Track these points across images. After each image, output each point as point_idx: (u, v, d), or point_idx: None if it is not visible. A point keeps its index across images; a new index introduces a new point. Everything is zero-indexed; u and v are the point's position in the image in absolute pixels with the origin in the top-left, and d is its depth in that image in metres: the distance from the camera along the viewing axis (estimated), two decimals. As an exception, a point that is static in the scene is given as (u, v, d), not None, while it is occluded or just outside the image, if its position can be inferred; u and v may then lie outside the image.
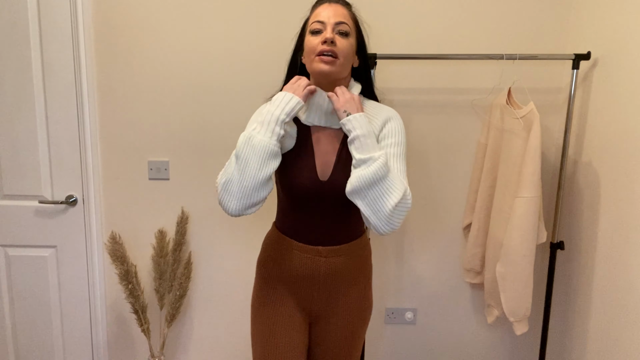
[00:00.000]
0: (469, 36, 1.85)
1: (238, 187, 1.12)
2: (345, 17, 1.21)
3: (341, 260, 1.30)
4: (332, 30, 1.17)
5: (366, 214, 1.12)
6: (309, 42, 1.20)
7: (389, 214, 1.11)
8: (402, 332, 2.09)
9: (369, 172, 1.10)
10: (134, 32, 1.85)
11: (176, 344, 2.08)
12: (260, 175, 1.12)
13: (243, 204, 1.13)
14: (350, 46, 1.20)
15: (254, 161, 1.12)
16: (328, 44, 1.15)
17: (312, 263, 1.28)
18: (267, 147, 1.12)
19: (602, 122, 1.63)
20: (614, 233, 1.55)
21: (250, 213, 1.16)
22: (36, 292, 1.99)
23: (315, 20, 1.19)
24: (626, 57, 1.52)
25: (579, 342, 1.75)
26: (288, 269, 1.30)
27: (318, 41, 1.17)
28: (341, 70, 1.20)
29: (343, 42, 1.18)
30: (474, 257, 1.88)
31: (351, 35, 1.21)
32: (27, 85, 1.84)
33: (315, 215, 1.26)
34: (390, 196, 1.11)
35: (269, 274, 1.33)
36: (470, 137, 1.92)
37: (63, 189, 1.93)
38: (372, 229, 1.15)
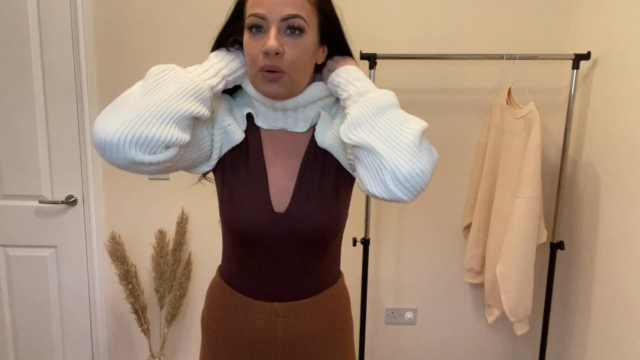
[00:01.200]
0: (469, 36, 1.85)
1: (134, 105, 0.73)
2: (296, 3, 0.81)
3: (307, 319, 0.96)
4: (278, 30, 0.80)
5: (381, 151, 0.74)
6: (247, 47, 0.83)
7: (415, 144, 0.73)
8: (402, 332, 2.09)
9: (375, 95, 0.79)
10: (134, 32, 1.85)
11: (176, 344, 2.08)
12: (174, 106, 0.74)
13: (130, 128, 0.70)
14: (306, 48, 0.83)
15: (171, 86, 0.75)
16: (271, 58, 0.80)
17: (266, 326, 0.95)
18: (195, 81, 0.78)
19: (602, 122, 1.63)
20: (614, 233, 1.55)
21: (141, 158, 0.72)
22: (36, 292, 1.99)
23: (253, 13, 0.81)
24: (626, 57, 1.52)
25: (579, 342, 1.75)
26: (235, 334, 0.96)
27: (258, 50, 0.81)
28: (293, 87, 0.85)
29: (292, 48, 0.81)
30: (474, 257, 1.88)
31: (309, 28, 0.82)
32: (27, 85, 1.84)
33: (270, 260, 0.91)
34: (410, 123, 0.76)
35: (212, 337, 1.00)
36: (470, 137, 1.92)
37: (63, 189, 1.92)
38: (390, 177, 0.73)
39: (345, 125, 0.78)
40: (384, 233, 2.00)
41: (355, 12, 1.84)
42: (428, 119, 1.91)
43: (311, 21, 0.83)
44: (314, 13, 0.84)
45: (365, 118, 0.76)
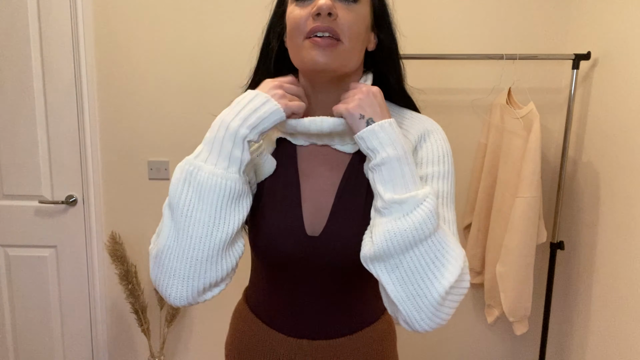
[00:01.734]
0: (469, 36, 1.85)
1: (179, 262, 0.65)
2: None
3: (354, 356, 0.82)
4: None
5: (396, 300, 0.63)
6: (292, 15, 0.71)
7: (438, 302, 0.62)
8: (403, 332, 2.08)
9: (409, 223, 0.62)
10: (134, 32, 1.85)
11: (176, 344, 2.08)
12: (217, 236, 0.65)
13: (193, 287, 0.65)
14: (362, 19, 0.71)
15: (202, 213, 0.65)
16: (323, 19, 0.67)
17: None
18: (222, 185, 0.65)
19: (602, 122, 1.63)
20: (614, 233, 1.55)
21: (209, 298, 0.68)
22: (36, 292, 1.99)
23: None
24: (626, 57, 1.52)
25: (579, 342, 1.75)
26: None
27: (307, 13, 0.69)
28: (346, 60, 0.71)
29: (348, 13, 0.69)
30: (474, 257, 1.88)
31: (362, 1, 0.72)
32: (27, 85, 1.84)
33: (300, 290, 0.79)
34: (443, 271, 0.62)
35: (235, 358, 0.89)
36: (470, 137, 1.92)
37: (63, 189, 1.92)
38: (402, 323, 0.66)
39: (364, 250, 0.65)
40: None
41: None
42: (428, 119, 1.91)
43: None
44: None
45: (393, 251, 0.62)
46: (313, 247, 0.74)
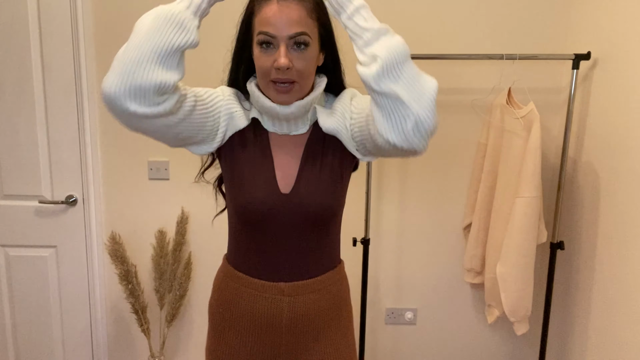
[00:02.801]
0: (469, 36, 1.85)
1: (118, 62, 0.82)
2: (302, 20, 0.89)
3: (311, 299, 1.02)
4: (287, 47, 0.89)
5: (408, 102, 0.77)
6: (258, 60, 0.92)
7: (434, 97, 0.79)
8: (402, 332, 2.08)
9: (399, 40, 0.84)
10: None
11: (176, 344, 2.08)
12: (149, 44, 0.81)
13: (122, 81, 0.80)
14: (311, 58, 0.93)
15: (148, 26, 0.83)
16: (282, 72, 0.89)
17: (272, 305, 1.01)
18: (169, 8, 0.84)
19: (602, 122, 1.63)
20: (614, 233, 1.55)
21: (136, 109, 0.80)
22: (36, 292, 1.99)
23: (263, 31, 0.90)
24: (626, 57, 1.52)
25: (579, 342, 1.75)
26: (243, 314, 1.03)
27: (270, 64, 0.90)
28: (301, 92, 0.95)
29: (301, 60, 0.91)
30: (474, 257, 1.88)
31: (312, 41, 0.92)
32: (27, 85, 1.84)
33: (276, 241, 0.99)
34: (427, 77, 0.82)
35: (221, 321, 1.06)
36: (470, 137, 1.92)
37: (63, 189, 1.92)
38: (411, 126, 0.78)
39: (371, 70, 0.80)
40: (384, 233, 2.00)
41: None
42: (428, 119, 1.91)
43: (313, 34, 0.93)
44: (315, 26, 0.93)
45: (392, 66, 0.79)
46: (285, 201, 0.97)
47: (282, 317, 1.01)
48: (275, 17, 0.89)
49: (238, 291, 1.03)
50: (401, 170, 1.95)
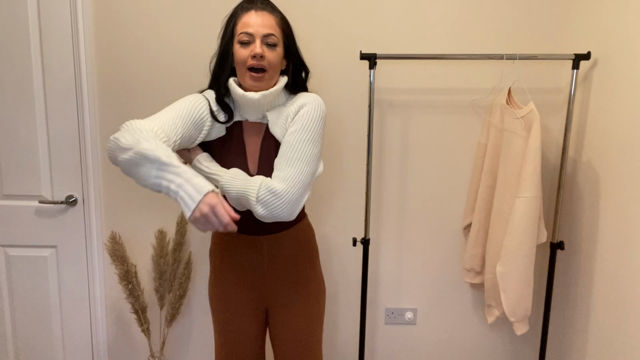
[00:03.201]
0: (469, 36, 1.85)
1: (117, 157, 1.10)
2: (273, 26, 1.24)
3: (283, 246, 1.37)
4: (261, 42, 1.22)
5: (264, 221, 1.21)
6: (238, 53, 1.24)
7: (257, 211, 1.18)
8: (402, 332, 2.09)
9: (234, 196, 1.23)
10: (134, 31, 1.85)
11: (176, 344, 2.08)
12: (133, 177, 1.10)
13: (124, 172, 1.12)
14: (278, 56, 1.26)
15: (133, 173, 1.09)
16: (257, 59, 1.21)
17: (254, 252, 1.36)
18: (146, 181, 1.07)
19: (602, 122, 1.63)
20: (614, 233, 1.55)
21: None
22: (36, 292, 1.99)
23: (244, 32, 1.22)
24: (626, 57, 1.52)
25: (579, 342, 1.76)
26: (234, 259, 1.38)
27: (247, 54, 1.22)
28: (269, 81, 1.26)
29: (271, 54, 1.23)
30: (474, 257, 1.88)
31: (279, 44, 1.26)
32: (27, 85, 1.84)
33: None
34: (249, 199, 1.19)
35: (218, 264, 1.42)
36: (470, 137, 1.92)
37: (63, 189, 1.92)
38: None
39: None
40: (384, 233, 2.00)
41: (355, 12, 1.84)
42: (428, 118, 1.91)
43: (280, 39, 1.27)
44: (281, 35, 1.27)
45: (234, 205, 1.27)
46: None
47: (263, 260, 1.37)
48: (253, 21, 1.22)
49: (229, 242, 1.39)
50: (401, 170, 1.95)
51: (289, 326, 1.41)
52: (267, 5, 1.27)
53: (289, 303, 1.41)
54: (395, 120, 1.92)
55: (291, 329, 1.41)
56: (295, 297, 1.41)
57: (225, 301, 1.41)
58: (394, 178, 1.96)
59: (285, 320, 1.41)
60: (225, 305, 1.41)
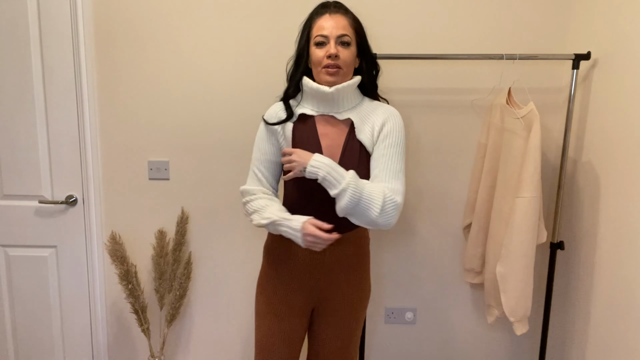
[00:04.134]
0: (469, 36, 1.85)
1: None
2: (346, 27, 1.32)
3: (344, 248, 1.40)
4: (335, 43, 1.30)
5: (361, 225, 1.29)
6: (314, 54, 1.32)
7: (376, 219, 1.25)
8: (402, 332, 2.08)
9: (344, 202, 1.24)
10: (134, 32, 1.85)
11: (176, 344, 2.08)
12: None
13: None
14: (352, 54, 1.33)
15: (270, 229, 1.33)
16: (332, 59, 1.29)
17: (316, 252, 1.38)
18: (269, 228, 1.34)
19: (602, 122, 1.63)
20: (614, 233, 1.55)
21: None
22: (36, 292, 1.99)
23: (319, 34, 1.31)
24: (626, 57, 1.52)
25: (579, 342, 1.75)
26: (293, 256, 1.40)
27: (323, 54, 1.30)
28: (344, 78, 1.33)
29: (345, 53, 1.31)
30: (474, 257, 1.88)
31: (352, 44, 1.33)
32: (27, 85, 1.84)
33: (322, 205, 1.33)
34: (372, 208, 1.24)
35: (275, 259, 1.44)
36: (470, 137, 1.92)
37: (63, 189, 1.92)
38: None
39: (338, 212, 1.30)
40: (384, 233, 2.00)
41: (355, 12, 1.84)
42: (428, 119, 1.91)
43: (353, 39, 1.34)
44: (354, 35, 1.34)
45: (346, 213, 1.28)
46: None
47: (324, 261, 1.40)
48: (328, 24, 1.31)
49: (286, 243, 1.37)
50: (401, 170, 1.95)
51: (335, 327, 1.44)
52: (340, 8, 1.35)
53: (338, 305, 1.43)
54: (395, 120, 1.92)
55: (336, 331, 1.44)
56: (346, 300, 1.43)
57: (275, 297, 1.43)
58: (394, 178, 1.96)
59: (332, 321, 1.44)
60: (274, 301, 1.43)
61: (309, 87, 1.34)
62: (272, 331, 1.43)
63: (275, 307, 1.42)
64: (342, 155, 1.34)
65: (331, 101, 1.35)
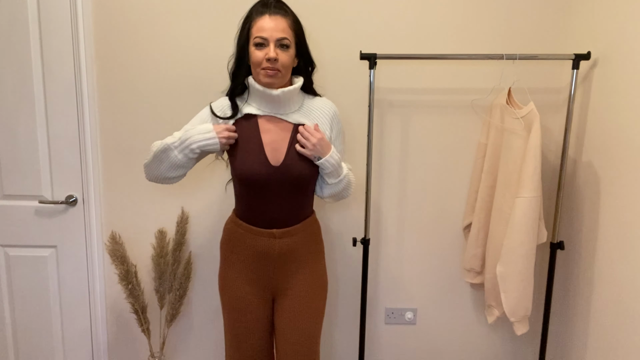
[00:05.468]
0: (469, 36, 1.85)
1: (152, 173, 1.44)
2: (285, 30, 1.33)
3: (294, 239, 1.46)
4: (275, 46, 1.32)
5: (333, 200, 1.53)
6: (254, 55, 1.35)
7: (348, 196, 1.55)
8: (402, 332, 2.09)
9: (338, 189, 1.47)
10: (134, 32, 1.85)
11: (176, 344, 2.08)
12: (168, 174, 1.42)
13: (154, 180, 1.46)
14: (290, 57, 1.37)
15: (164, 167, 1.40)
16: (271, 62, 1.32)
17: (267, 244, 1.44)
18: (175, 161, 1.39)
19: (602, 122, 1.63)
20: (614, 233, 1.55)
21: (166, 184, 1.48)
22: (36, 292, 1.99)
23: (258, 36, 1.33)
24: (626, 57, 1.52)
25: (579, 342, 1.76)
26: (246, 251, 1.46)
27: (262, 56, 1.33)
28: (282, 79, 1.38)
29: (284, 56, 1.33)
30: (474, 257, 1.88)
31: (291, 46, 1.36)
32: (27, 85, 1.84)
33: (268, 200, 1.41)
34: (349, 189, 1.53)
35: (230, 254, 1.50)
36: (470, 137, 1.92)
37: (63, 189, 1.92)
38: None
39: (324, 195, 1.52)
40: (384, 233, 2.00)
41: (355, 12, 1.84)
42: (428, 118, 1.91)
43: (292, 41, 1.37)
44: (293, 36, 1.37)
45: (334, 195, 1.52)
46: (275, 171, 1.39)
47: (274, 252, 1.45)
48: (268, 26, 1.32)
49: (242, 235, 1.46)
50: (401, 170, 1.95)
51: (293, 315, 1.47)
52: (279, 8, 1.36)
53: (295, 293, 1.47)
54: (395, 120, 1.92)
55: (295, 318, 1.47)
56: (302, 288, 1.48)
57: (236, 291, 1.47)
58: (394, 178, 1.96)
59: (290, 309, 1.47)
60: (236, 295, 1.47)
61: (255, 89, 1.39)
62: (238, 323, 1.47)
63: (237, 301, 1.47)
64: (288, 149, 1.39)
65: (277, 103, 1.40)
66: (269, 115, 1.43)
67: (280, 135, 1.41)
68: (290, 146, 1.40)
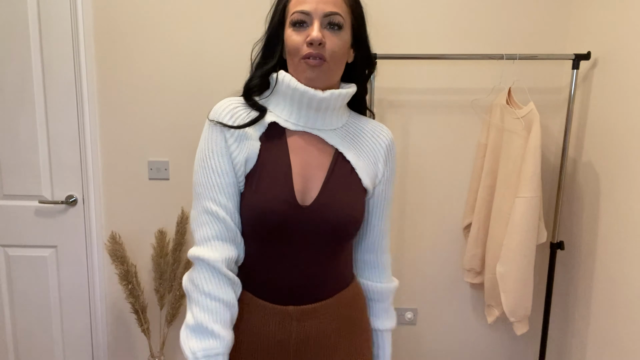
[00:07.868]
0: (469, 36, 1.85)
1: None
2: (337, 3, 0.88)
3: (322, 323, 0.94)
4: (320, 24, 0.86)
5: None
6: (290, 38, 0.88)
7: None
8: (402, 332, 2.08)
9: None
10: (134, 32, 1.85)
11: (176, 344, 2.08)
12: None
13: None
14: (344, 43, 0.89)
15: None
16: (315, 47, 0.85)
17: (279, 329, 0.92)
18: None
19: (602, 122, 1.63)
20: (614, 233, 1.55)
21: None
22: (36, 292, 1.99)
23: (297, 10, 0.87)
24: (626, 57, 1.52)
25: (579, 342, 1.75)
26: (248, 337, 0.93)
27: (302, 40, 0.87)
28: (329, 76, 0.90)
29: (334, 39, 0.87)
30: (474, 257, 1.88)
31: (345, 27, 0.89)
32: (27, 85, 1.84)
33: (288, 257, 0.90)
34: None
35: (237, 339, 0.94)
36: (470, 137, 1.92)
37: (63, 189, 1.92)
38: None
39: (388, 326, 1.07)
40: (384, 233, 2.00)
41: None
42: (428, 119, 1.91)
43: (347, 21, 0.90)
44: (348, 14, 0.90)
45: None
46: (303, 214, 0.87)
47: (290, 341, 0.92)
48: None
49: (243, 309, 0.91)
50: (401, 170, 1.95)
51: None
52: None
53: None
54: (395, 120, 1.92)
55: None
56: None
57: None
58: (394, 178, 1.96)
59: None
60: None
61: (292, 88, 0.89)
62: None
63: None
64: (326, 182, 0.90)
65: (320, 112, 0.92)
66: (302, 131, 0.93)
67: (316, 160, 0.92)
68: (328, 179, 0.91)
